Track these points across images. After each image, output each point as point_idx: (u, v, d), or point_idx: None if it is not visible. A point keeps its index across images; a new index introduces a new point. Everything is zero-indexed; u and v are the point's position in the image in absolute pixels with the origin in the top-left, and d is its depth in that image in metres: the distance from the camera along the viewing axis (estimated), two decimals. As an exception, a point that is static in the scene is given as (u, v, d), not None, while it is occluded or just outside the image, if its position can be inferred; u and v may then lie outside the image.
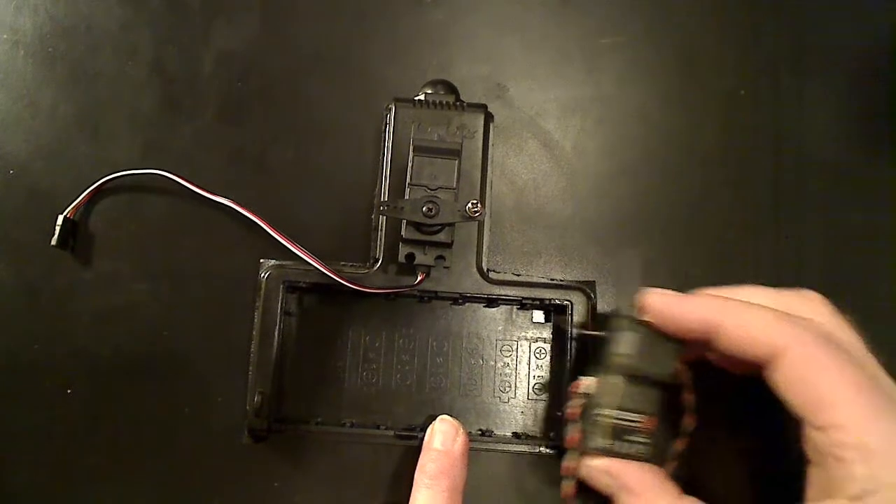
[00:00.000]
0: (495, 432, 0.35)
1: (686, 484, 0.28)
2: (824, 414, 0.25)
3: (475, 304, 0.36)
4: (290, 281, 0.34)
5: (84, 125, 0.37)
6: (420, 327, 0.36)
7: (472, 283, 0.35)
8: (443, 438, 0.32)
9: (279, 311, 0.34)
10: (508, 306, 0.36)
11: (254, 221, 0.35)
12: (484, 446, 0.34)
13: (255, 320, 0.34)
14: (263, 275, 0.34)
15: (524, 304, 0.36)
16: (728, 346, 0.27)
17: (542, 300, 0.35)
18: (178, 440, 0.35)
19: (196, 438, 0.35)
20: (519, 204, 0.38)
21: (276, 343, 0.34)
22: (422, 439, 0.32)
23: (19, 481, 0.35)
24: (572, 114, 0.38)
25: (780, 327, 0.26)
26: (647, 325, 0.29)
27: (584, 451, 0.29)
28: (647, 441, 0.29)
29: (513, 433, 0.35)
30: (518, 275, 0.36)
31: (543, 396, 0.36)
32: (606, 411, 0.29)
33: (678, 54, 0.39)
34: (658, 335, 0.29)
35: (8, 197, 0.37)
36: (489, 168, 0.36)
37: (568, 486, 0.30)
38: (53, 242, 0.35)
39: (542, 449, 0.34)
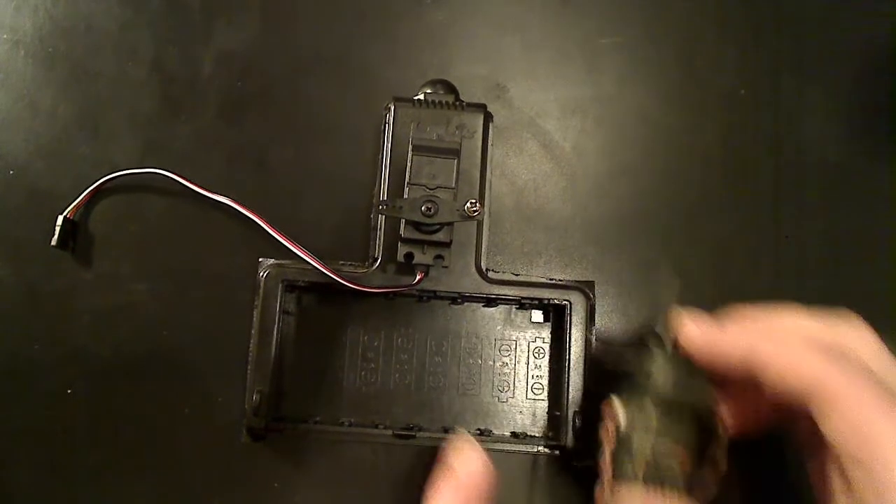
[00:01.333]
0: (493, 432, 0.35)
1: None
2: (880, 469, 0.23)
3: (474, 304, 0.36)
4: (288, 280, 0.34)
5: (84, 125, 0.37)
6: (419, 327, 0.36)
7: (470, 282, 0.35)
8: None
9: (278, 310, 0.34)
10: (507, 306, 0.36)
11: (253, 220, 0.35)
12: (482, 446, 0.34)
13: (254, 319, 0.34)
14: (262, 274, 0.34)
15: (523, 304, 0.36)
16: (770, 385, 0.26)
17: (540, 300, 0.35)
18: (178, 440, 0.35)
19: (196, 438, 0.35)
20: (519, 204, 0.38)
21: (274, 342, 0.34)
22: (419, 438, 0.32)
23: (19, 481, 0.35)
24: (572, 114, 0.38)
25: (827, 370, 0.25)
26: (684, 352, 0.28)
27: (618, 479, 0.28)
28: (680, 472, 0.27)
29: (511, 433, 0.35)
30: (517, 275, 0.36)
31: (542, 396, 0.36)
32: (640, 440, 0.28)
33: (678, 54, 0.39)
34: (692, 363, 0.28)
35: (8, 197, 0.37)
36: (488, 168, 0.36)
37: None
38: (53, 243, 0.35)
39: (540, 449, 0.34)
